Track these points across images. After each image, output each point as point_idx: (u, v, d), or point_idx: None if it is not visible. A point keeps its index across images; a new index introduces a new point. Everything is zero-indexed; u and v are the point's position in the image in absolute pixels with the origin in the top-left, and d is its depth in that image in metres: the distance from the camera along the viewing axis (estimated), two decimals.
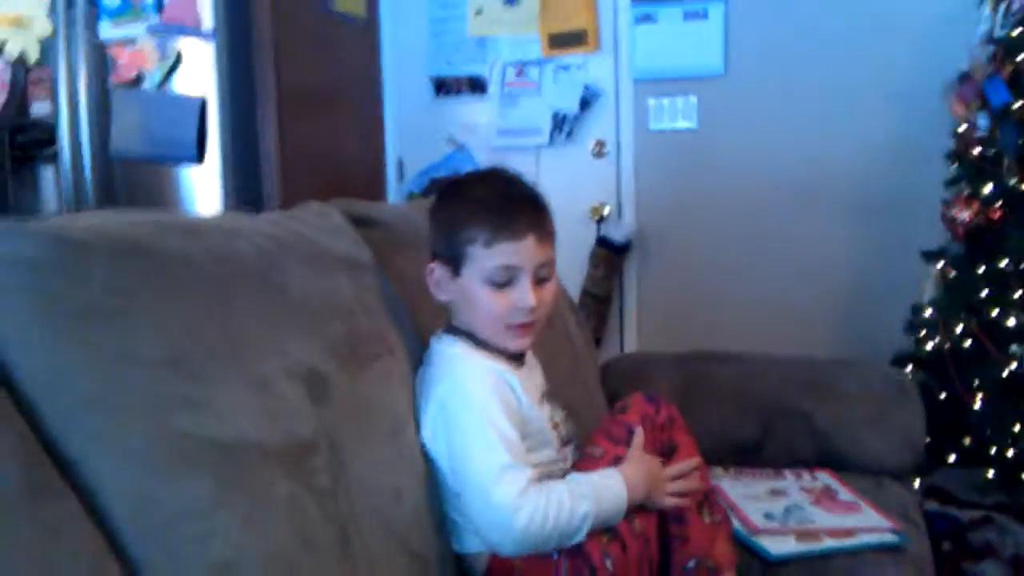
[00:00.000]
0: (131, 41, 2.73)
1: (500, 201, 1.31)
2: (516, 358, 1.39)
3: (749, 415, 2.05)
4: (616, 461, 1.34)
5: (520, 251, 1.30)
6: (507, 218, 1.29)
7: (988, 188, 2.54)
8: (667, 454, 1.42)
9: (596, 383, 2.10)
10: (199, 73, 2.70)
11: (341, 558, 1.06)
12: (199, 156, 2.71)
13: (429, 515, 1.27)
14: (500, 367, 1.34)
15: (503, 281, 1.30)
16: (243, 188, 2.80)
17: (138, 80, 2.74)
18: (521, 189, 1.36)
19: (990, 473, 2.43)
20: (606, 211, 3.52)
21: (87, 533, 0.88)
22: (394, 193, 3.73)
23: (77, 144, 2.79)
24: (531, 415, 1.34)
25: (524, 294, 1.31)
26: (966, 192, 2.58)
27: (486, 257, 1.29)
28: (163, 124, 2.71)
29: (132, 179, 2.81)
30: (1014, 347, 2.41)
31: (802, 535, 1.57)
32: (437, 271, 1.35)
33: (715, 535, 1.40)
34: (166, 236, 1.11)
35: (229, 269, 1.15)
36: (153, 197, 2.76)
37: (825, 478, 1.87)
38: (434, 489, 1.29)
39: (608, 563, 1.26)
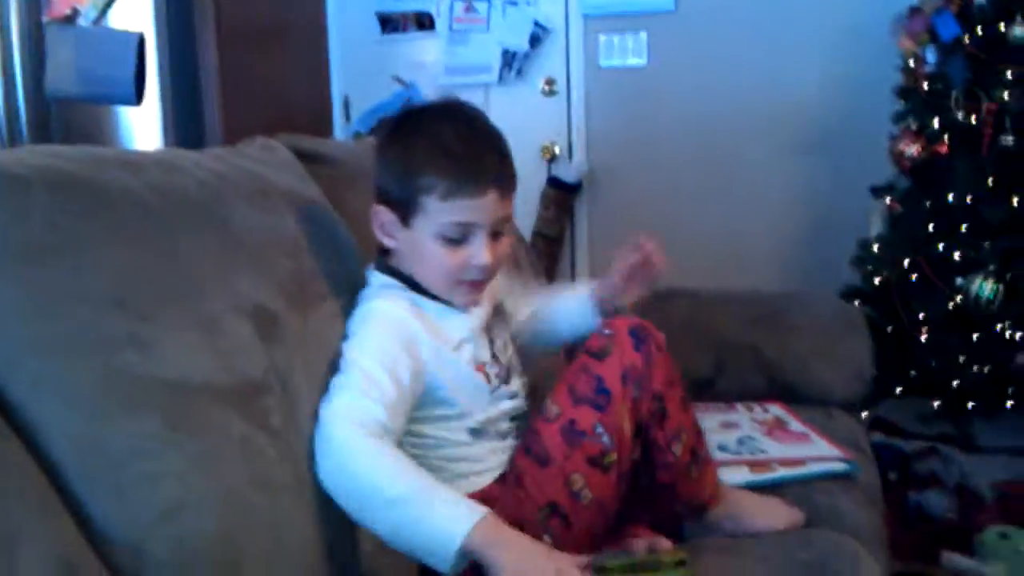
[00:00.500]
0: None
1: (463, 147, 1.18)
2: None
3: (701, 350, 2.06)
4: (570, 427, 1.19)
5: (480, 208, 1.18)
6: (470, 170, 1.18)
7: (936, 123, 2.56)
8: (657, 418, 1.24)
9: None
10: (137, 8, 2.61)
11: (296, 497, 1.04)
12: (138, 95, 2.62)
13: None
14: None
15: (457, 238, 1.20)
16: (184, 128, 2.72)
17: (73, 16, 2.63)
18: (485, 133, 1.24)
19: (936, 404, 2.48)
20: (557, 150, 3.49)
21: (31, 476, 0.85)
22: (340, 132, 3.66)
23: (10, 83, 2.69)
24: (447, 359, 1.22)
25: (479, 251, 1.21)
26: (914, 127, 2.59)
27: (441, 212, 1.18)
28: (99, 62, 2.62)
29: (68, 119, 2.72)
30: (960, 280, 2.45)
31: (755, 465, 1.59)
32: (383, 215, 1.24)
33: (702, 481, 1.31)
34: (105, 170, 1.07)
35: (172, 204, 1.11)
36: (91, 137, 2.68)
37: (776, 410, 1.89)
38: None
39: (547, 538, 1.17)
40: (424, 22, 3.58)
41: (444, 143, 1.19)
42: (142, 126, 2.66)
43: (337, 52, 3.67)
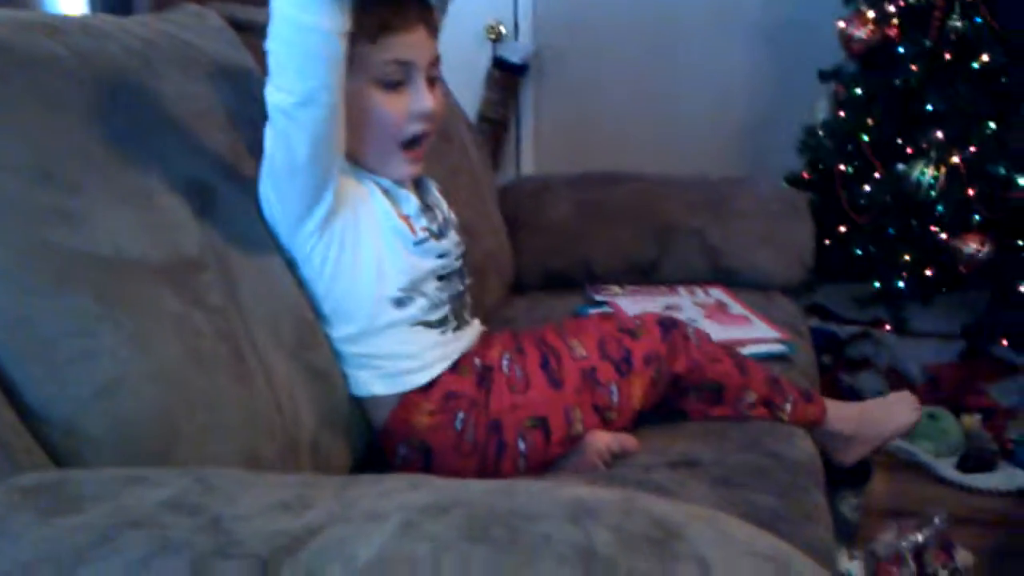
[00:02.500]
0: None
1: None
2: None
3: (645, 234, 2.07)
4: (591, 372, 1.26)
5: (413, 44, 1.18)
6: (395, 5, 1.16)
7: (886, 5, 2.53)
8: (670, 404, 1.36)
9: (495, 205, 2.07)
10: None
11: (237, 375, 1.02)
12: None
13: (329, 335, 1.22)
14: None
15: (396, 80, 1.18)
16: None
17: None
18: None
19: (872, 288, 2.53)
20: (502, 30, 3.40)
21: None
22: None
23: None
24: (369, 199, 1.21)
25: (421, 95, 1.20)
26: (864, 9, 2.56)
27: (375, 52, 1.15)
28: None
29: None
30: (901, 166, 2.46)
31: None
32: None
33: (797, 413, 1.40)
34: (27, 35, 1.01)
35: (99, 72, 1.06)
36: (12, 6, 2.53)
37: (718, 293, 1.91)
38: None
39: (521, 445, 1.22)
40: None
41: None
42: None
43: None
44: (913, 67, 2.44)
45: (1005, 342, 2.54)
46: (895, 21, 2.52)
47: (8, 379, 0.87)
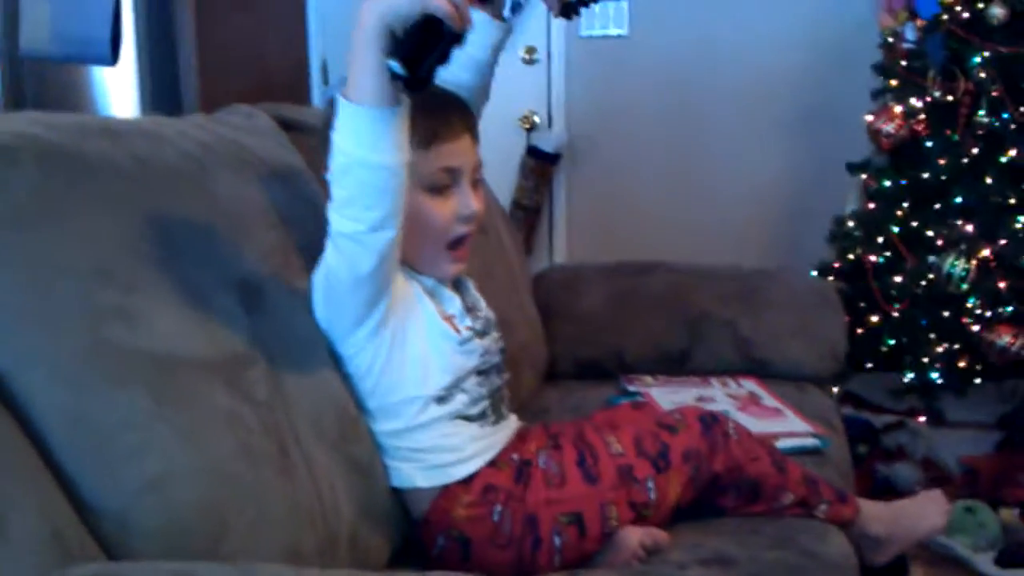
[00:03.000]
0: None
1: (430, 103, 1.19)
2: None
3: (677, 324, 2.08)
4: (628, 470, 1.26)
5: (460, 151, 1.24)
6: (441, 118, 1.23)
7: (914, 101, 2.57)
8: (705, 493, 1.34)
9: (529, 296, 2.10)
10: None
11: (281, 468, 1.05)
12: (114, 55, 2.58)
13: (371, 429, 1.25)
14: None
15: (444, 184, 1.24)
16: (159, 88, 2.68)
17: None
18: (443, 91, 1.27)
19: (905, 379, 2.52)
20: (536, 119, 3.48)
21: (20, 448, 0.85)
22: (318, 97, 3.62)
23: None
24: (416, 301, 1.25)
25: (467, 199, 1.26)
26: (892, 104, 2.61)
27: (425, 160, 1.20)
28: (75, 21, 2.57)
29: (44, 79, 2.68)
30: (932, 258, 2.48)
31: None
32: None
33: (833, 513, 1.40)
34: (89, 140, 1.07)
35: (155, 174, 1.11)
36: (66, 98, 2.64)
37: (750, 385, 1.92)
38: None
39: (557, 540, 1.23)
40: None
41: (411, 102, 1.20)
42: (118, 87, 2.62)
43: (315, 12, 3.63)
44: (941, 161, 2.48)
45: None
46: (922, 116, 2.56)
47: (65, 473, 0.90)
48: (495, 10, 1.35)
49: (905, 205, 2.57)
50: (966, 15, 2.49)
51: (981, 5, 2.45)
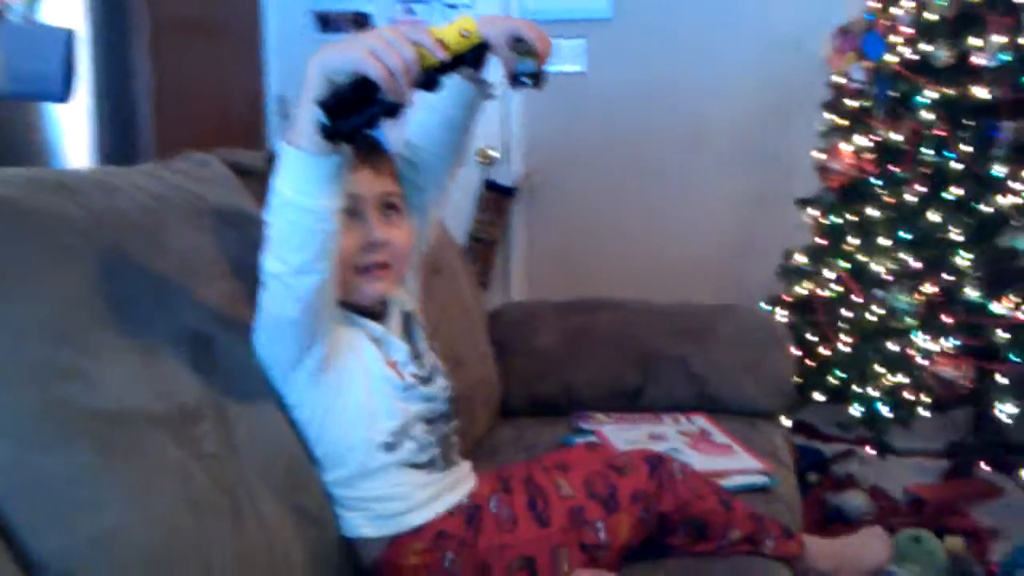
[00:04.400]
0: None
1: None
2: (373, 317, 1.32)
3: (630, 361, 2.12)
4: (578, 512, 1.30)
5: (356, 181, 1.22)
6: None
7: (861, 139, 2.64)
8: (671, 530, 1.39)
9: (484, 333, 2.12)
10: (68, 5, 2.56)
11: (232, 522, 1.05)
12: (65, 92, 2.58)
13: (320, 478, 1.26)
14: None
15: (349, 207, 1.20)
16: (115, 126, 2.68)
17: (1, 12, 2.58)
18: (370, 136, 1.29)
19: (853, 411, 2.57)
20: (493, 154, 3.51)
21: None
22: (276, 134, 3.63)
23: None
24: (358, 344, 1.27)
25: (370, 226, 1.26)
26: (840, 143, 2.67)
27: None
28: (28, 59, 2.56)
29: None
30: (879, 292, 2.54)
31: None
32: None
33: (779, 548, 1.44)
34: (41, 194, 1.07)
35: (110, 228, 1.12)
36: (19, 137, 2.62)
37: (701, 421, 1.95)
38: None
39: None
40: (362, 23, 3.56)
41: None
42: (73, 124, 2.61)
43: (274, 50, 3.64)
44: (888, 198, 2.54)
45: (984, 464, 2.58)
46: (870, 154, 2.62)
47: (11, 530, 0.90)
48: (471, 75, 1.37)
49: (853, 241, 2.62)
50: (913, 56, 2.56)
51: (927, 47, 2.52)
